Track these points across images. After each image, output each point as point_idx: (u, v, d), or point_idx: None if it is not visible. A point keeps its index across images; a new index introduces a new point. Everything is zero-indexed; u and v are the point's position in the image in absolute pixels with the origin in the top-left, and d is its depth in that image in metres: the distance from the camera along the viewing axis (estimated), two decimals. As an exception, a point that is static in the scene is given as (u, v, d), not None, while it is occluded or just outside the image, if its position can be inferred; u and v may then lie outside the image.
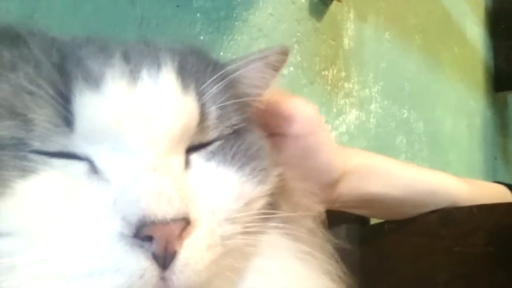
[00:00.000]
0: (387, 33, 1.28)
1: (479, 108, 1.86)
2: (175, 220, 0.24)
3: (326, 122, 1.02)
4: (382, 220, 0.73)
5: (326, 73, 1.04)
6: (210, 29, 0.77)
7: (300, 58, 0.96)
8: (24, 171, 0.25)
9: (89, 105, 0.26)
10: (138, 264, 0.23)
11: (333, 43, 1.07)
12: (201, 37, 0.76)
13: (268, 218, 0.33)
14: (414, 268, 0.68)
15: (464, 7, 1.83)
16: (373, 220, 0.78)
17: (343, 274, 0.38)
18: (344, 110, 1.08)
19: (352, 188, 0.55)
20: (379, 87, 1.22)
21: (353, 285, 0.40)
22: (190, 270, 0.25)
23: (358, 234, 0.77)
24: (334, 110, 1.05)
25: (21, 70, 0.26)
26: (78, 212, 0.24)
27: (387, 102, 1.25)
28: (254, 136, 0.34)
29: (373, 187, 0.57)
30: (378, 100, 1.22)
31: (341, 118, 1.07)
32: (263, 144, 0.35)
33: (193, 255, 0.25)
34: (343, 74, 1.09)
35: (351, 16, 1.14)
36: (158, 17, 0.69)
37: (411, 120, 1.37)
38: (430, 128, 1.46)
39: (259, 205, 0.31)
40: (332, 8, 1.05)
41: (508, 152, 2.15)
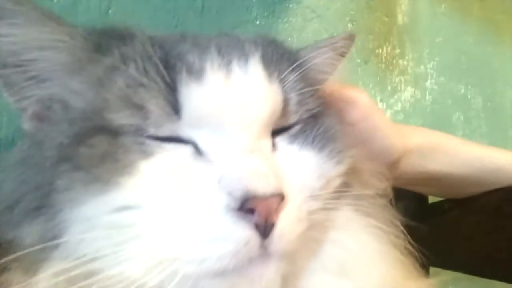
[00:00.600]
0: (443, 6, 1.23)
1: (543, 80, 1.76)
2: (273, 195, 0.27)
3: (381, 101, 1.01)
4: (441, 199, 0.73)
5: (380, 51, 1.03)
6: (266, 13, 0.79)
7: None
8: (145, 154, 0.29)
9: (194, 95, 0.29)
10: (244, 233, 0.27)
11: (387, 20, 1.05)
12: (257, 22, 0.78)
13: (342, 196, 0.35)
14: (476, 246, 0.68)
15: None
16: (431, 199, 0.77)
17: (411, 248, 0.40)
18: (399, 88, 1.07)
19: (414, 166, 0.56)
20: (435, 63, 1.19)
21: (420, 259, 0.41)
22: (285, 239, 0.28)
23: (417, 212, 0.77)
24: (389, 88, 1.04)
25: (132, 65, 0.30)
26: (190, 188, 0.28)
27: (443, 78, 1.21)
28: (330, 119, 0.37)
29: (435, 165, 0.58)
30: (434, 76, 1.18)
31: (396, 96, 1.06)
32: (338, 127, 0.37)
33: (287, 226, 0.28)
34: (397, 51, 1.07)
35: (405, -10, 1.11)
36: (218, 5, 0.71)
37: (469, 96, 1.32)
38: (489, 104, 1.40)
39: (336, 184, 0.34)
40: (385, -16, 1.03)
41: None
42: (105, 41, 0.33)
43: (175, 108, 0.30)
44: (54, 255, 0.28)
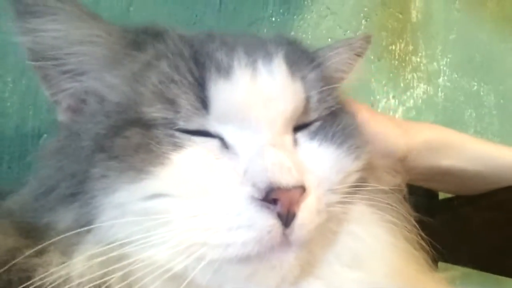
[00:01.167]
0: (457, 2, 1.23)
1: (558, 78, 1.74)
2: (296, 187, 0.29)
3: (393, 97, 1.02)
4: (451, 195, 0.74)
5: (393, 48, 1.03)
6: (281, 10, 0.80)
7: (368, 34, 0.96)
8: (176, 146, 0.31)
9: (222, 92, 0.31)
10: (267, 222, 0.28)
11: (401, 17, 1.05)
12: (273, 18, 0.79)
13: (358, 190, 0.37)
14: (486, 243, 0.68)
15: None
16: (442, 195, 0.78)
17: (423, 242, 0.41)
18: (412, 85, 1.07)
19: (424, 161, 0.58)
20: (448, 60, 1.19)
21: (432, 254, 0.43)
22: (305, 229, 0.30)
23: (427, 208, 0.78)
24: (402, 85, 1.04)
25: (164, 62, 0.32)
26: (217, 179, 0.30)
27: (456, 75, 1.21)
28: (348, 117, 0.38)
29: (446, 161, 0.59)
30: (447, 73, 1.18)
31: (409, 93, 1.06)
32: (356, 124, 0.38)
33: (307, 217, 0.30)
34: (411, 48, 1.08)
35: (419, -13, 1.11)
36: (235, 2, 0.73)
37: (481, 93, 1.31)
38: (502, 101, 1.39)
39: (354, 179, 0.36)
40: (400, -20, 1.03)
41: None
42: (140, 39, 0.35)
43: (204, 104, 0.31)
44: (88, 239, 0.30)
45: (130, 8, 0.62)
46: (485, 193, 0.66)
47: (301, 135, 0.35)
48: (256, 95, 0.31)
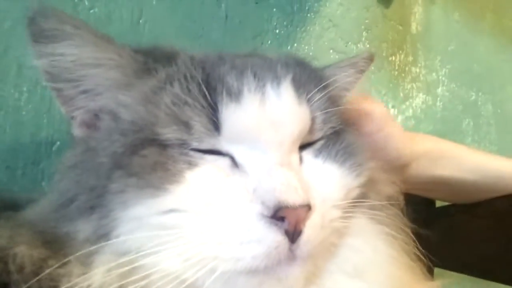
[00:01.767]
0: (457, 14, 1.25)
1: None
2: (302, 206, 0.31)
3: (393, 107, 1.04)
4: (448, 204, 0.76)
5: (394, 59, 1.05)
6: (285, 23, 0.82)
7: (368, 45, 0.99)
8: (190, 164, 0.32)
9: (232, 115, 0.33)
10: (275, 238, 0.30)
11: (401, 28, 1.07)
12: (277, 31, 0.81)
13: (359, 205, 0.39)
14: (481, 250, 0.70)
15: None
16: (438, 203, 0.80)
17: (420, 254, 0.43)
18: (411, 95, 1.09)
19: (423, 171, 0.60)
20: (447, 70, 1.21)
21: (428, 265, 0.45)
22: (310, 245, 0.32)
23: (425, 216, 0.80)
24: (401, 95, 1.06)
25: (176, 85, 0.34)
26: (228, 196, 0.32)
27: (455, 85, 1.24)
28: (350, 135, 0.40)
29: (442, 171, 0.61)
30: (445, 83, 1.21)
31: (408, 103, 1.08)
32: (358, 142, 0.40)
33: (312, 233, 0.32)
34: (410, 59, 1.10)
35: (419, 0, 1.13)
36: (240, 15, 0.75)
37: (479, 103, 1.34)
38: (499, 111, 1.42)
39: (355, 194, 0.37)
40: (401, -7, 1.06)
41: None
42: (151, 61, 0.36)
43: (216, 126, 0.33)
44: (105, 250, 0.32)
45: (140, 21, 0.64)
46: (482, 202, 0.67)
47: (306, 153, 0.37)
48: (265, 118, 0.33)
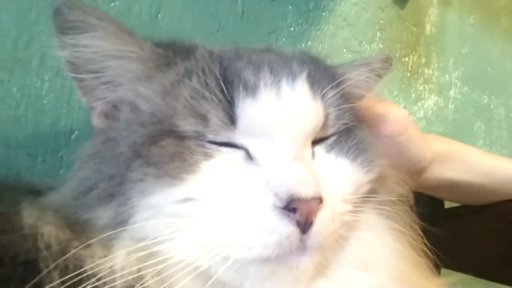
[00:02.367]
0: (472, 17, 1.25)
1: None
2: (314, 198, 0.32)
3: (404, 108, 1.04)
4: (457, 204, 0.76)
5: (407, 60, 1.05)
6: (300, 20, 0.83)
7: (382, 45, 0.99)
8: (206, 156, 0.34)
9: (248, 109, 0.34)
10: (287, 228, 0.31)
11: (415, 30, 1.07)
12: (292, 28, 0.82)
13: (369, 200, 0.40)
14: (490, 251, 0.70)
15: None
16: (447, 204, 0.80)
17: (427, 250, 0.44)
18: (423, 96, 1.09)
19: (434, 173, 0.60)
20: (460, 73, 1.21)
21: (436, 262, 0.45)
22: (320, 236, 0.33)
23: (434, 216, 0.80)
24: (413, 96, 1.07)
25: (195, 79, 0.35)
26: (242, 187, 0.33)
27: (467, 88, 1.23)
28: (363, 132, 0.41)
29: (453, 173, 0.62)
30: (458, 86, 1.20)
31: (420, 104, 1.08)
32: (370, 139, 0.41)
33: (323, 225, 0.33)
34: (423, 60, 1.10)
35: (435, 1, 1.13)
36: (256, 12, 0.76)
37: (492, 106, 1.33)
38: (512, 115, 1.41)
39: (365, 190, 0.38)
40: (416, -6, 1.06)
41: None
42: (171, 54, 0.37)
43: (232, 119, 0.34)
44: (123, 236, 0.33)
45: (159, 15, 0.65)
46: (491, 204, 0.67)
47: (319, 148, 0.38)
48: (280, 113, 0.34)
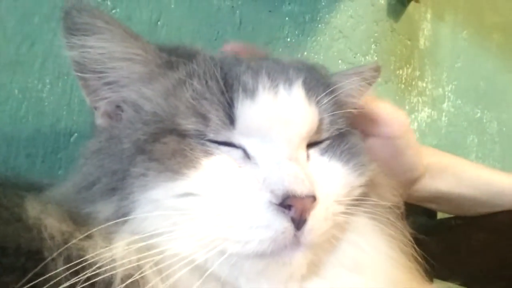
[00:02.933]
0: (465, 32, 1.28)
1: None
2: (308, 196, 0.33)
3: (398, 119, 1.06)
4: (450, 215, 0.77)
5: (401, 72, 1.08)
6: (297, 32, 0.85)
7: (377, 58, 1.01)
8: (206, 153, 0.35)
9: (247, 111, 0.35)
10: (282, 224, 0.32)
11: (409, 43, 1.10)
12: (288, 39, 0.84)
13: (361, 204, 0.41)
14: (481, 262, 0.71)
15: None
16: (440, 214, 0.81)
17: (417, 255, 0.45)
18: (416, 108, 1.11)
19: (425, 185, 0.61)
20: (453, 86, 1.23)
21: (425, 268, 0.46)
22: (313, 233, 0.34)
23: (426, 227, 0.81)
24: (407, 108, 1.09)
25: (196, 81, 0.36)
26: (240, 184, 0.34)
27: (460, 101, 1.26)
28: (355, 137, 0.43)
29: (444, 185, 0.63)
30: (451, 99, 1.23)
31: (413, 116, 1.10)
32: (362, 144, 0.43)
33: (316, 223, 0.34)
34: (417, 73, 1.12)
35: (428, 16, 1.16)
36: (254, 22, 0.78)
37: (484, 120, 1.36)
38: (504, 129, 1.43)
39: (357, 193, 0.40)
40: (410, 9, 1.08)
41: None
42: (174, 58, 0.39)
43: (231, 120, 0.35)
44: (124, 229, 0.34)
45: (158, 23, 0.66)
46: (483, 215, 0.68)
47: (313, 151, 0.39)
48: (277, 115, 0.36)
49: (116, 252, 0.32)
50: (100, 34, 0.37)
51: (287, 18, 0.83)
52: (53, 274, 0.28)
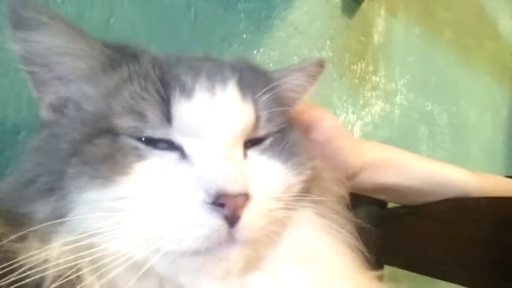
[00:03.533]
0: (417, 28, 1.33)
1: (506, 102, 1.88)
2: (240, 194, 0.34)
3: (352, 113, 1.10)
4: (399, 204, 0.82)
5: (355, 67, 1.11)
6: (252, 28, 0.86)
7: (332, 54, 1.04)
8: (139, 157, 0.35)
9: (183, 109, 0.36)
10: (215, 222, 0.33)
11: (363, 39, 1.14)
12: (244, 36, 0.85)
13: (302, 199, 0.42)
14: (425, 249, 0.76)
15: (499, 1, 1.83)
16: (391, 204, 0.86)
17: (362, 248, 0.47)
18: (370, 102, 1.16)
19: (368, 178, 0.65)
20: (405, 81, 1.28)
21: (371, 259, 0.49)
22: (248, 230, 0.35)
23: (377, 216, 0.85)
24: (361, 102, 1.13)
25: (136, 81, 0.37)
26: (175, 185, 0.35)
27: (412, 95, 1.31)
28: (294, 135, 0.44)
29: (387, 178, 0.67)
30: (404, 93, 1.28)
31: (367, 109, 1.14)
32: (301, 142, 0.45)
33: (250, 220, 0.35)
34: (371, 68, 1.16)
35: (382, 13, 1.20)
36: (209, 18, 0.78)
37: (435, 113, 1.42)
38: (454, 120, 1.51)
39: (296, 189, 0.41)
40: (364, 6, 1.12)
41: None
42: (118, 56, 0.39)
43: (168, 118, 0.36)
44: (61, 229, 0.34)
45: (111, 20, 0.66)
46: (426, 204, 0.73)
47: (252, 151, 0.40)
48: (212, 115, 0.37)
49: (51, 253, 0.32)
50: (44, 29, 0.37)
51: (243, 15, 0.84)
52: None
